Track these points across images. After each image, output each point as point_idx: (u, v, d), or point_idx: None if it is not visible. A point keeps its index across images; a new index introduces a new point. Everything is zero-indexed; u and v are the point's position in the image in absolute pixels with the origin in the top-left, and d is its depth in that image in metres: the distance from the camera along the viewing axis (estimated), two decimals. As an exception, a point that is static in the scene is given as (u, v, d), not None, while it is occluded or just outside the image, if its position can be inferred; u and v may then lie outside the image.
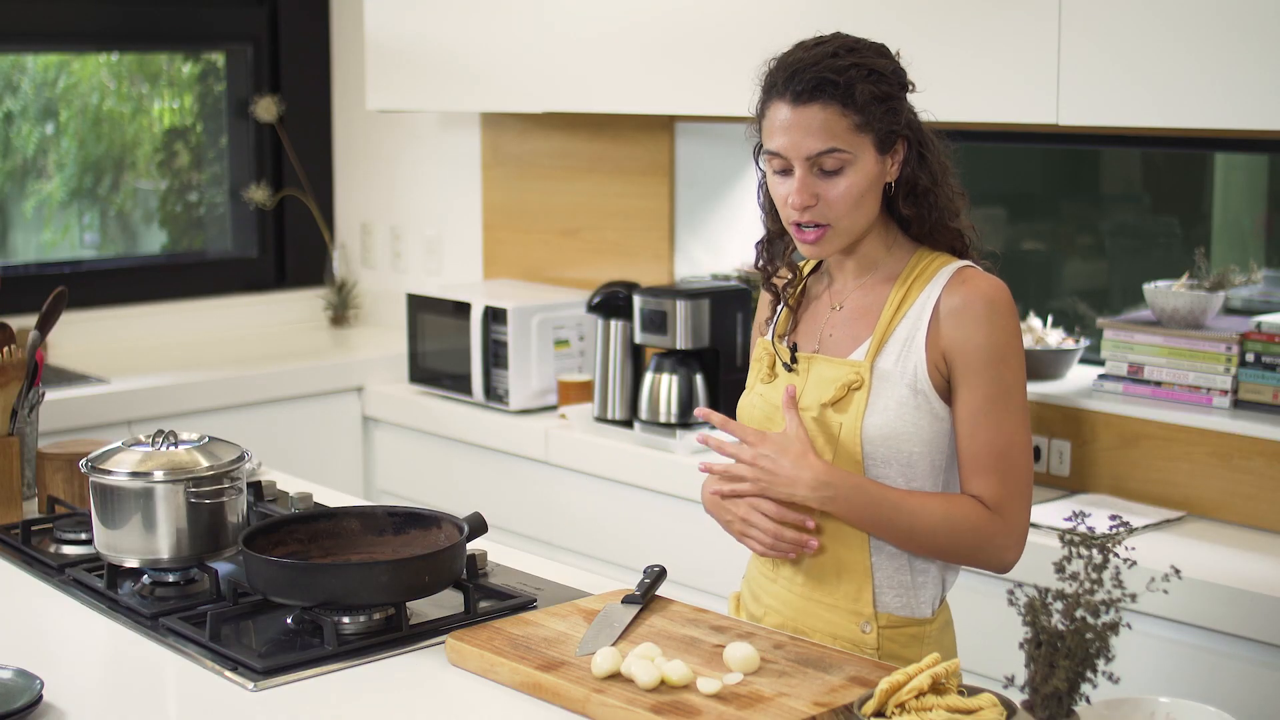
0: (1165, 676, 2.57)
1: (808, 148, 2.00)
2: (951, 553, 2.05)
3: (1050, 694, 1.56)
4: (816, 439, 2.07)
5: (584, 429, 3.68)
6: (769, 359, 2.18)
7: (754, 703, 1.76)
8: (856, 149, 2.01)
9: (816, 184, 2.02)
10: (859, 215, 2.05)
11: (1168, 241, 3.71)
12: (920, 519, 2.01)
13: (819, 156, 2.00)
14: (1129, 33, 2.71)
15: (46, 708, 1.83)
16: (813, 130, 1.99)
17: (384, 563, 2.05)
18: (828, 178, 2.01)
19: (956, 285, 2.04)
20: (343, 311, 4.88)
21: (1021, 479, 2.03)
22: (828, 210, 2.03)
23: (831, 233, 2.05)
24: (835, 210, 2.03)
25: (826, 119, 1.99)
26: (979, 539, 2.02)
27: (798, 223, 2.05)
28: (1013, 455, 2.02)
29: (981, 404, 2.02)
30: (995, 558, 2.04)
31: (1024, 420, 2.04)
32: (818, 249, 2.07)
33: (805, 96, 1.99)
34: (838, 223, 2.04)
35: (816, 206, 2.02)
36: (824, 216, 2.03)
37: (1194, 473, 2.96)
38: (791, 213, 2.04)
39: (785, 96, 2.01)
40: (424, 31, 4.12)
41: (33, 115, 4.56)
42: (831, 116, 1.99)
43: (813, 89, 1.99)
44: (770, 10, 3.25)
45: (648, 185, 4.02)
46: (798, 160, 2.01)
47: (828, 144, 1.99)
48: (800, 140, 2.00)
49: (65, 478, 2.65)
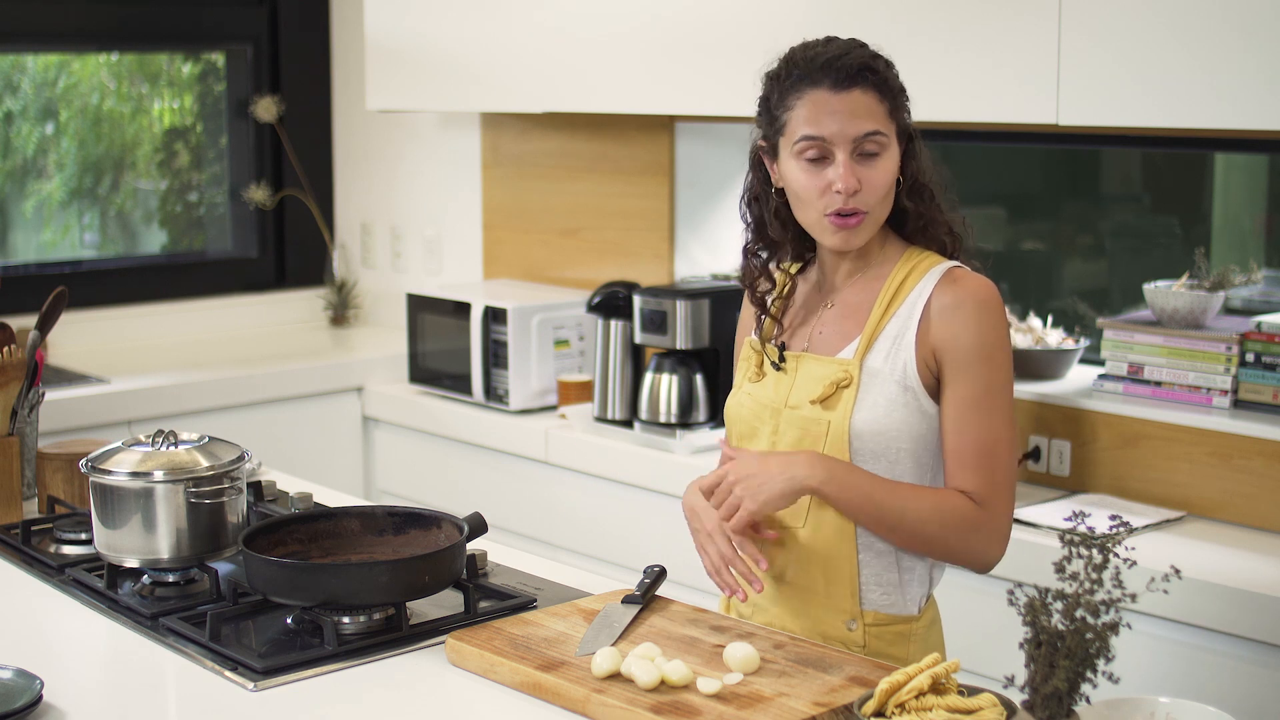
0: (1165, 676, 2.57)
1: (855, 129, 2.02)
2: (939, 545, 2.04)
3: (1050, 694, 1.56)
4: (804, 436, 2.08)
5: (584, 429, 3.68)
6: (756, 358, 2.19)
7: (754, 703, 1.76)
8: (890, 134, 2.05)
9: (857, 168, 2.03)
10: (886, 204, 2.08)
11: (1168, 241, 3.71)
12: (910, 508, 2.01)
13: (864, 139, 2.02)
14: (1129, 33, 2.71)
15: (46, 708, 1.83)
16: (859, 113, 2.02)
17: (384, 563, 2.05)
18: (867, 162, 2.04)
19: (947, 284, 2.06)
20: (343, 311, 4.88)
21: (1006, 476, 2.04)
22: (868, 195, 2.04)
23: (868, 220, 2.07)
24: (875, 195, 2.05)
25: (869, 103, 2.03)
26: (966, 532, 2.02)
27: (839, 211, 2.05)
28: (998, 452, 2.03)
29: (969, 401, 2.03)
30: (980, 553, 2.04)
31: (1010, 418, 2.05)
32: (854, 237, 2.07)
33: (848, 82, 2.02)
34: (873, 210, 2.06)
35: (860, 192, 2.04)
36: (865, 202, 2.05)
37: (1194, 473, 2.96)
38: (834, 199, 2.04)
39: (824, 84, 2.03)
40: (424, 31, 4.12)
41: (33, 115, 4.56)
42: (872, 101, 2.03)
43: (855, 74, 2.03)
44: (770, 11, 3.25)
45: (648, 185, 4.02)
46: (843, 144, 2.02)
47: (874, 125, 2.03)
48: (847, 124, 2.02)
49: (65, 478, 2.65)
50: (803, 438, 2.08)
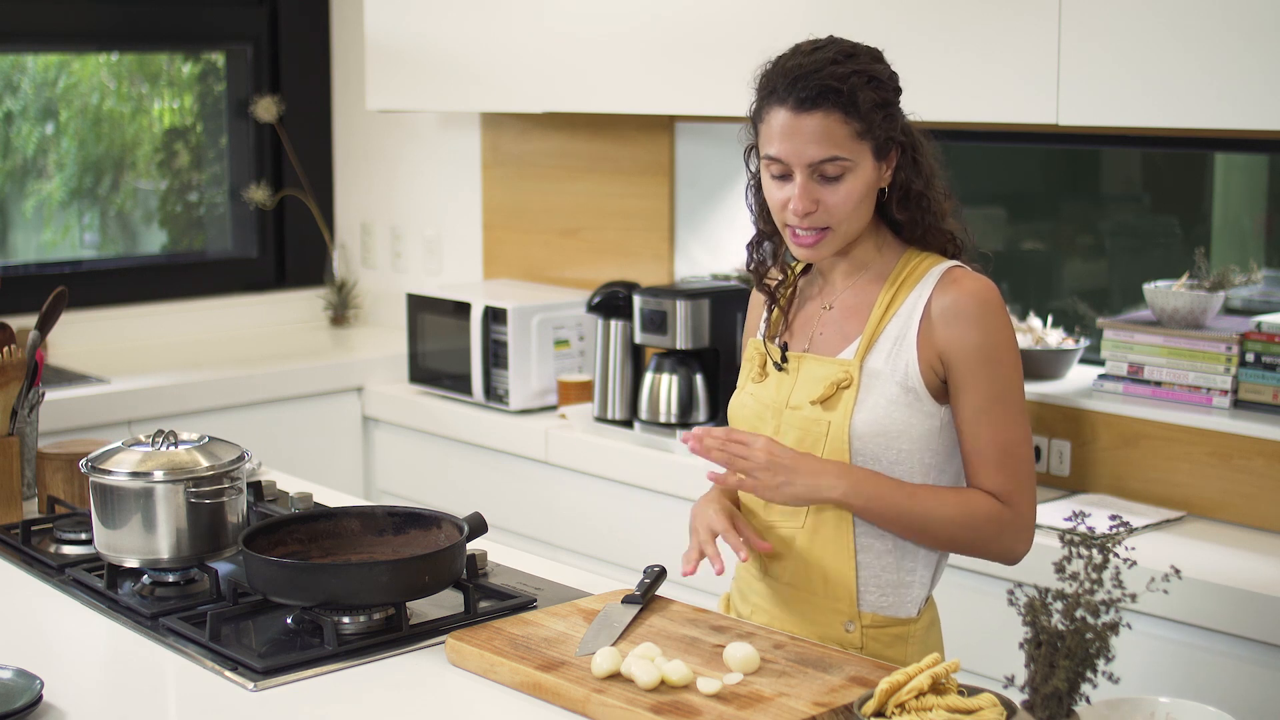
0: (1165, 676, 2.57)
1: (810, 155, 2.00)
2: (968, 545, 2.05)
3: (1050, 694, 1.56)
4: (805, 437, 2.08)
5: (584, 429, 3.68)
6: (760, 358, 2.19)
7: (754, 703, 1.76)
8: (856, 155, 2.02)
9: (817, 190, 2.02)
10: (856, 219, 2.06)
11: (1168, 241, 3.71)
12: (936, 515, 2.02)
13: (820, 164, 2.01)
14: (1129, 33, 2.71)
15: (46, 708, 1.83)
16: (815, 138, 1.99)
17: (384, 563, 2.04)
18: (828, 183, 2.02)
19: (947, 286, 2.05)
20: (343, 311, 4.88)
21: (1027, 472, 2.06)
22: (826, 215, 2.04)
23: (831, 235, 2.06)
24: (835, 215, 2.04)
25: (829, 126, 1.99)
26: (996, 530, 2.04)
27: (794, 227, 2.05)
28: (1017, 449, 2.04)
29: (983, 403, 2.03)
30: (1009, 549, 2.06)
31: (1024, 414, 2.06)
32: (815, 251, 2.08)
33: (808, 104, 1.99)
34: (837, 226, 2.05)
35: (817, 212, 2.03)
36: (823, 221, 2.04)
37: (1194, 473, 2.96)
38: (790, 217, 2.05)
39: (787, 103, 2.00)
40: (424, 31, 4.12)
41: (33, 115, 4.56)
42: (834, 124, 1.99)
43: (815, 96, 1.99)
44: (770, 11, 3.25)
45: (648, 185, 4.02)
46: (799, 167, 2.01)
47: (830, 152, 2.00)
48: (802, 148, 2.00)
49: (65, 478, 2.65)
50: (803, 438, 2.08)
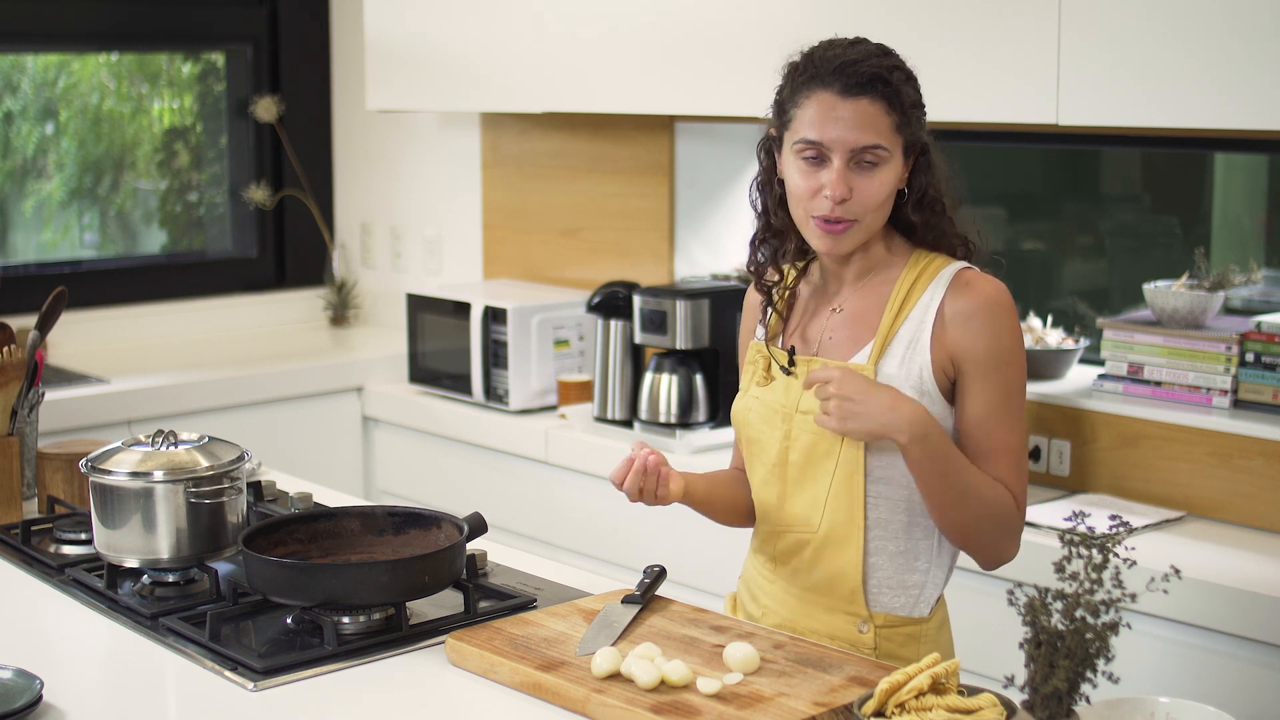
0: (1165, 676, 2.57)
1: (852, 140, 2.00)
2: (984, 531, 2.03)
3: (1050, 694, 1.56)
4: (819, 442, 2.07)
5: (584, 429, 3.68)
6: (764, 361, 2.18)
7: (754, 703, 1.76)
8: (893, 148, 2.02)
9: (852, 178, 2.01)
10: (880, 215, 2.06)
11: (1168, 241, 3.71)
12: (979, 489, 2.00)
13: (861, 151, 2.00)
14: (1129, 33, 2.71)
15: (46, 708, 1.83)
16: (860, 124, 1.99)
17: (384, 563, 2.04)
18: (864, 172, 2.01)
19: (960, 288, 2.05)
20: (343, 311, 4.88)
21: (1025, 475, 2.07)
22: (858, 206, 2.02)
23: (857, 228, 2.04)
24: (866, 206, 2.02)
25: (874, 114, 2.00)
26: (1009, 525, 2.04)
27: (825, 216, 2.03)
28: (1020, 452, 2.06)
29: (994, 405, 2.03)
30: (1006, 549, 2.07)
31: (1023, 418, 2.07)
32: (839, 243, 2.06)
33: (855, 89, 1.99)
34: (864, 218, 2.04)
35: (850, 200, 2.02)
36: (853, 212, 2.02)
37: (1194, 473, 2.96)
38: (819, 206, 2.03)
39: (833, 87, 2.00)
40: (424, 31, 4.12)
41: (33, 115, 4.56)
42: (879, 113, 2.00)
43: (865, 83, 1.99)
44: (770, 11, 3.25)
45: (648, 185, 4.02)
46: (840, 152, 2.00)
47: (873, 139, 2.00)
48: (845, 133, 1.99)
49: (65, 478, 2.65)
50: (816, 443, 2.07)
